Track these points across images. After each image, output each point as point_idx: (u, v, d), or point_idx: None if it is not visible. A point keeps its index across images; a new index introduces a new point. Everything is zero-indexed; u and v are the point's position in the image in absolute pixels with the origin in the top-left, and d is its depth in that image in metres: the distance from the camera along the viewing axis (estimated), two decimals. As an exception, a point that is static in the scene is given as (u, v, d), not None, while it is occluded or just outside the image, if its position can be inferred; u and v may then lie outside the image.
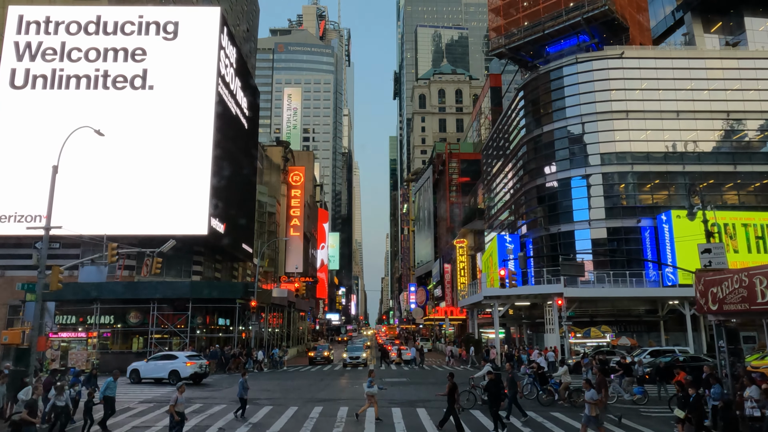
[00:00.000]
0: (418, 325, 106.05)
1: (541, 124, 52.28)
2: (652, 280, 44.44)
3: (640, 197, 47.96)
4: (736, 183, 47.66)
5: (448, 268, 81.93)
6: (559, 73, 51.04)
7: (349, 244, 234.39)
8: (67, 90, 46.29)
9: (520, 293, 42.95)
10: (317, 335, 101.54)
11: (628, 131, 47.85)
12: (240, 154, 57.89)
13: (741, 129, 48.07)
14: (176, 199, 44.77)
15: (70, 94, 46.11)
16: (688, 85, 48.32)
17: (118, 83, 46.76)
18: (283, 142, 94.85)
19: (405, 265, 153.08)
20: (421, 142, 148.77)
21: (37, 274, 17.92)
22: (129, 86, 46.84)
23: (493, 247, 54.88)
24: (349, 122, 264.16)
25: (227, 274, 58.45)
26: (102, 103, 45.61)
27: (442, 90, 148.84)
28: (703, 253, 18.68)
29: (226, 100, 51.47)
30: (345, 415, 19.49)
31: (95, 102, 45.48)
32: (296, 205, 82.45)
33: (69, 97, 45.86)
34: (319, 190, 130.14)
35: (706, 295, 17.03)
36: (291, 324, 60.57)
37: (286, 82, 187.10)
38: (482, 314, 55.62)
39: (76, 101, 45.04)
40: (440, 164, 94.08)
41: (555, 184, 50.52)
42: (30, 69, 46.50)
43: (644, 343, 41.69)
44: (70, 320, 39.69)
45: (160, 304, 38.85)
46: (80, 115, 41.43)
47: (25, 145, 43.65)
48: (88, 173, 44.26)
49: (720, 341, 17.65)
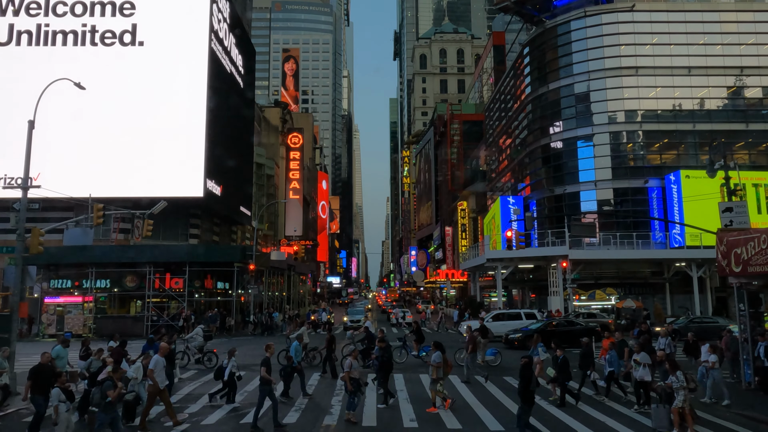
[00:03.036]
0: (419, 287, 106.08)
1: (546, 81, 50.50)
2: (658, 242, 43.55)
3: (648, 157, 46.63)
4: (748, 142, 46.26)
5: (449, 230, 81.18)
6: (567, 27, 48.98)
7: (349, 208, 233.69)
8: (53, 47, 44.40)
9: (523, 255, 42.06)
10: (318, 298, 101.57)
11: (637, 88, 46.17)
12: (236, 115, 56.25)
13: (754, 85, 46.35)
14: (170, 160, 43.45)
15: (57, 50, 44.24)
16: (700, 39, 46.39)
17: (107, 39, 44.83)
18: (281, 103, 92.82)
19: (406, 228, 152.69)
20: (422, 103, 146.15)
21: (16, 237, 16.87)
22: (118, 42, 44.92)
23: (495, 209, 53.85)
24: (348, 84, 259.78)
25: (226, 237, 57.58)
26: (90, 60, 43.76)
27: (444, 50, 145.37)
28: (724, 211, 17.56)
29: (220, 57, 49.58)
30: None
31: (83, 59, 43.61)
32: (295, 168, 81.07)
33: (55, 53, 43.99)
34: (318, 153, 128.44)
35: (729, 256, 16.00)
36: (291, 287, 60.07)
37: (284, 43, 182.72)
38: (484, 277, 54.97)
39: (62, 58, 43.12)
40: (441, 126, 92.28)
41: (560, 144, 49.10)
42: (14, 24, 44.51)
43: (649, 305, 41.07)
44: (65, 284, 38.92)
45: (157, 268, 38.04)
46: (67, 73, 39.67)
47: (9, 103, 41.92)
48: (78, 134, 42.85)
49: (740, 304, 16.71)
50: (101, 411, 10.79)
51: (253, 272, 41.88)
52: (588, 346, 16.48)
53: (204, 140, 44.52)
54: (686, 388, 12.12)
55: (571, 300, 40.31)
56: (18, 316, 16.57)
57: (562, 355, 15.14)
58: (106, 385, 10.88)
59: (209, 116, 45.17)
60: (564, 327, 28.18)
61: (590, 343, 16.85)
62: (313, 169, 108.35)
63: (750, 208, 42.19)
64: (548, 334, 26.52)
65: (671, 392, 12.22)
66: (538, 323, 30.34)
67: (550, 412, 14.51)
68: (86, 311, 37.57)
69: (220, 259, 41.37)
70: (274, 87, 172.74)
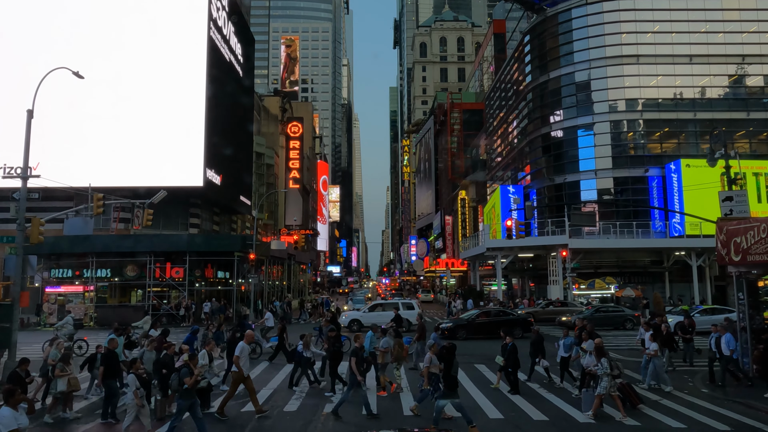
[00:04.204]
0: (419, 277, 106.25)
1: (547, 70, 50.27)
2: (658, 231, 43.61)
3: (649, 146, 46.54)
4: (749, 131, 46.15)
5: (449, 220, 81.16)
6: (568, 15, 48.69)
7: (349, 197, 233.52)
8: (52, 35, 44.05)
9: (523, 245, 42.11)
10: (318, 287, 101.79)
11: (638, 77, 45.97)
12: (235, 103, 56.03)
13: (756, 74, 46.12)
14: (170, 149, 43.32)
15: (55, 39, 43.89)
16: (702, 27, 46.10)
17: (107, 26, 44.45)
18: (280, 92, 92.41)
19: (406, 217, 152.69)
20: (422, 92, 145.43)
21: (17, 227, 16.87)
22: (117, 31, 44.57)
23: (495, 199, 53.82)
24: (348, 73, 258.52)
25: (226, 227, 57.61)
26: (89, 48, 43.45)
27: (444, 38, 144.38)
28: (724, 200, 17.53)
29: (219, 45, 49.29)
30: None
31: (81, 47, 43.31)
32: (295, 157, 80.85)
33: (54, 42, 43.67)
34: (318, 142, 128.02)
35: (728, 245, 16.01)
36: (291, 276, 60.19)
37: (283, 31, 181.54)
38: (484, 266, 55.06)
39: (61, 47, 42.83)
40: (441, 115, 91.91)
41: (560, 132, 48.98)
42: (12, 11, 44.19)
43: (649, 294, 41.18)
44: (66, 274, 39.00)
45: (157, 258, 38.11)
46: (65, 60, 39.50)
47: (7, 92, 41.63)
48: (77, 123, 42.69)
49: (739, 293, 16.75)
50: (180, 397, 11.08)
51: (253, 261, 41.95)
52: (538, 334, 16.91)
53: (203, 129, 44.37)
54: (610, 375, 12.39)
55: (571, 289, 40.44)
56: (19, 305, 16.61)
57: (510, 342, 15.23)
58: (183, 371, 11.11)
59: (208, 105, 45.00)
60: (496, 317, 28.58)
61: (540, 331, 17.44)
62: (312, 158, 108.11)
63: (750, 197, 42.13)
64: (477, 326, 27.72)
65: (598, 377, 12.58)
66: (471, 312, 31.16)
67: (504, 397, 14.83)
68: (87, 300, 37.75)
69: (220, 248, 41.41)
70: (273, 76, 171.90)
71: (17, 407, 7.81)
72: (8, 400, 7.76)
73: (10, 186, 34.24)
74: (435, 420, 11.38)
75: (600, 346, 13.03)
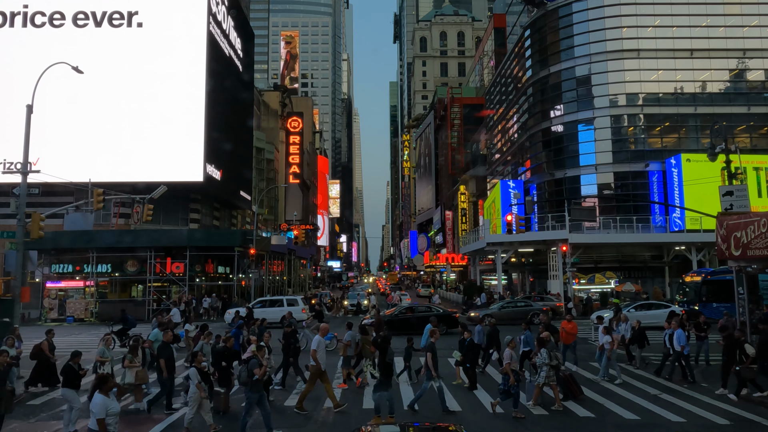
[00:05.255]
0: (419, 271, 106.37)
1: (548, 64, 50.13)
2: (658, 226, 43.58)
3: (649, 141, 46.48)
4: (749, 125, 46.06)
5: (449, 215, 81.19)
6: (568, 9, 48.52)
7: (349, 192, 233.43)
8: (51, 29, 44.01)
9: (523, 239, 42.11)
10: (318, 282, 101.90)
11: (638, 71, 45.86)
12: (235, 98, 55.95)
13: (757, 68, 46.02)
14: (170, 144, 43.33)
15: (54, 34, 43.86)
16: (703, 21, 45.96)
17: (105, 22, 44.42)
18: (280, 87, 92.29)
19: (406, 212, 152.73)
20: (422, 87, 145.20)
21: (17, 222, 16.88)
22: (116, 25, 44.50)
23: (496, 193, 53.80)
24: (348, 68, 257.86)
25: (226, 222, 57.63)
26: (88, 43, 43.38)
27: (444, 32, 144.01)
28: (724, 195, 17.53)
29: (219, 40, 49.17)
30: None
31: (81, 42, 43.24)
32: (295, 152, 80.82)
33: (53, 37, 43.61)
34: (318, 137, 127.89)
35: (729, 240, 16.02)
36: (292, 271, 60.24)
37: (283, 26, 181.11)
38: (484, 261, 55.07)
39: (60, 42, 42.79)
40: (442, 110, 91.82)
41: (561, 127, 48.90)
42: (9, 6, 44.08)
43: (649, 289, 41.22)
44: (66, 269, 39.03)
45: (158, 253, 38.14)
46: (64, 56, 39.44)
47: (6, 88, 41.62)
48: (76, 118, 42.66)
49: (739, 287, 16.77)
50: (248, 390, 10.83)
51: (253, 256, 41.98)
52: (493, 327, 17.13)
53: (203, 124, 44.34)
54: (548, 365, 12.69)
55: (571, 284, 40.43)
56: (20, 300, 16.64)
57: (469, 338, 15.31)
58: (252, 363, 10.89)
59: (208, 100, 44.95)
60: (421, 312, 28.73)
61: (495, 324, 17.67)
62: (312, 153, 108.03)
63: (750, 191, 41.90)
64: (399, 321, 27.63)
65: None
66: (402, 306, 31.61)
67: (462, 394, 14.77)
68: (88, 296, 37.80)
69: (220, 243, 41.44)
70: (273, 71, 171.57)
71: (108, 394, 8.03)
72: (102, 387, 8.02)
73: (10, 181, 34.22)
74: (376, 409, 11.62)
75: (544, 338, 13.43)
